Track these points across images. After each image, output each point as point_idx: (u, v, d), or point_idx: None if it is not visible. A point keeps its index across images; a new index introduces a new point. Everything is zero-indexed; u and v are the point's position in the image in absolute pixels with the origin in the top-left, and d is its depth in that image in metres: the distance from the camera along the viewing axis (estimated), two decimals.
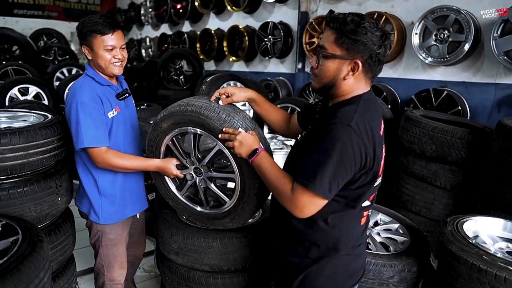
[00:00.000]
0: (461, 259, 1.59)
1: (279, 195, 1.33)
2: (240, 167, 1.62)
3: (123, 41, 1.87)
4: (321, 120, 1.34)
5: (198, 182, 1.83)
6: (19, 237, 1.46)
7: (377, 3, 4.19)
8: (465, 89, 3.53)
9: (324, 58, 1.28)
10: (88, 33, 1.77)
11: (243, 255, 1.93)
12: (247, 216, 1.79)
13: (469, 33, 3.25)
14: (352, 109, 1.25)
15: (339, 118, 1.22)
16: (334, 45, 1.25)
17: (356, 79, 1.28)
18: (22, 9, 9.13)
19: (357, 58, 1.23)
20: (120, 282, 2.12)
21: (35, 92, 5.28)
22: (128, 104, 2.03)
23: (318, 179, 1.19)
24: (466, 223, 1.90)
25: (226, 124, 1.55)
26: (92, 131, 1.74)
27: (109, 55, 1.81)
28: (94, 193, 1.92)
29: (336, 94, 1.33)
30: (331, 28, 1.26)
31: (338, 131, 1.19)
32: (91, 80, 1.85)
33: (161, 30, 8.30)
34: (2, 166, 1.74)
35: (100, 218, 1.94)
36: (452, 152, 2.62)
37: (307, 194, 1.22)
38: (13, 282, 1.21)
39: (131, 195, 2.04)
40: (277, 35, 5.28)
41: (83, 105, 1.74)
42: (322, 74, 1.31)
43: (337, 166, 1.18)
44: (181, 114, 1.65)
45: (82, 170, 1.94)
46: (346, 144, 1.17)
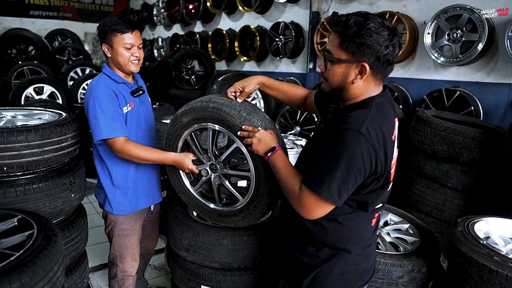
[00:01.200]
0: (472, 259, 1.58)
1: (288, 195, 1.34)
2: (256, 166, 1.63)
3: (141, 40, 1.98)
4: (333, 121, 1.33)
5: (213, 178, 1.85)
6: (34, 231, 1.50)
7: (389, 3, 4.16)
8: (478, 89, 3.48)
9: (331, 62, 1.27)
10: (109, 31, 1.89)
11: (253, 253, 1.94)
12: (258, 215, 1.80)
13: (482, 32, 3.22)
14: (364, 114, 1.22)
15: (350, 123, 1.19)
16: (339, 49, 1.23)
17: (365, 81, 1.26)
18: (38, 10, 9.30)
19: (364, 61, 1.21)
20: (131, 274, 2.19)
21: (50, 92, 5.38)
22: (143, 101, 2.10)
23: (325, 185, 1.19)
24: (477, 223, 1.88)
25: (246, 122, 1.57)
26: (109, 123, 1.83)
27: (128, 53, 1.92)
28: (108, 185, 2.01)
29: (346, 97, 1.31)
30: (335, 32, 1.24)
31: (348, 137, 1.17)
32: (107, 78, 1.95)
33: (173, 30, 8.38)
34: (18, 162, 1.79)
35: (114, 209, 2.02)
36: (464, 152, 2.59)
37: (314, 198, 1.23)
38: (29, 275, 1.24)
39: (144, 188, 2.11)
40: (288, 35, 5.28)
41: (99, 100, 1.84)
42: (330, 78, 1.30)
43: (346, 173, 1.17)
44: (202, 110, 1.69)
45: (98, 163, 2.03)
46: (355, 151, 1.16)
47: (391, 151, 1.25)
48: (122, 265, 2.15)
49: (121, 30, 1.88)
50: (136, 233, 2.14)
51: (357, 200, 1.28)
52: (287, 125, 4.61)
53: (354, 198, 1.27)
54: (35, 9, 9.27)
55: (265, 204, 1.72)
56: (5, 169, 1.78)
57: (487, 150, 2.54)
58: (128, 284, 2.20)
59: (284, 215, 1.51)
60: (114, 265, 2.17)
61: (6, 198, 1.78)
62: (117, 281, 2.18)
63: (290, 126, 4.60)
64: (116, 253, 2.13)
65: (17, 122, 2.07)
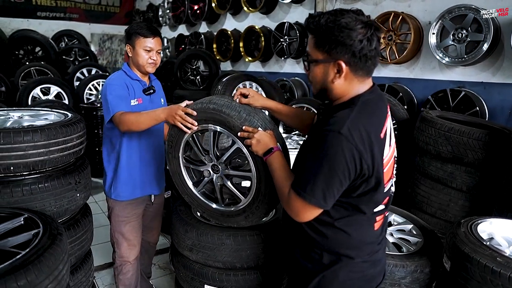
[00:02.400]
0: (474, 260, 1.58)
1: (280, 197, 1.36)
2: (257, 166, 1.65)
3: (160, 47, 2.19)
4: (320, 122, 1.31)
5: (215, 179, 1.86)
6: (40, 230, 1.52)
7: (394, 3, 4.15)
8: (484, 89, 3.46)
9: (310, 64, 1.26)
10: (134, 34, 2.11)
11: (256, 253, 1.95)
12: (261, 215, 1.81)
13: (488, 32, 3.20)
14: (346, 114, 1.19)
15: (331, 125, 1.17)
16: (315, 50, 1.22)
17: (347, 80, 1.23)
18: (45, 11, 9.37)
19: (339, 59, 1.18)
20: (128, 260, 2.29)
21: (56, 92, 5.43)
22: (153, 100, 2.25)
23: (309, 189, 1.19)
24: (481, 224, 1.88)
25: (246, 123, 1.59)
26: (116, 101, 2.01)
27: (147, 55, 2.12)
28: (110, 170, 2.21)
29: (332, 97, 1.29)
30: (310, 33, 1.23)
31: (329, 139, 1.15)
32: (123, 73, 2.18)
33: (178, 30, 8.40)
34: (25, 162, 1.81)
35: (112, 194, 2.20)
36: (469, 153, 2.58)
37: (300, 202, 1.23)
38: (34, 273, 1.26)
39: (143, 178, 2.22)
40: (293, 35, 5.28)
41: (111, 87, 2.06)
42: (312, 80, 1.29)
43: (329, 176, 1.15)
44: (202, 112, 1.70)
45: (105, 148, 2.20)
46: (337, 153, 1.13)
47: (379, 150, 1.21)
48: (119, 250, 2.28)
49: (144, 34, 2.09)
50: (133, 221, 2.26)
51: (350, 203, 1.26)
52: None
53: (346, 201, 1.25)
54: (42, 10, 9.34)
55: (267, 204, 1.73)
56: (12, 168, 1.81)
57: (492, 151, 2.53)
58: (126, 270, 2.29)
59: (287, 220, 1.50)
60: (114, 250, 2.33)
61: (12, 197, 1.80)
62: (116, 268, 2.32)
63: None
64: (113, 238, 2.29)
65: (24, 123, 2.09)
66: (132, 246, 2.28)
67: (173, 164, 1.96)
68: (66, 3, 9.67)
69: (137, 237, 2.30)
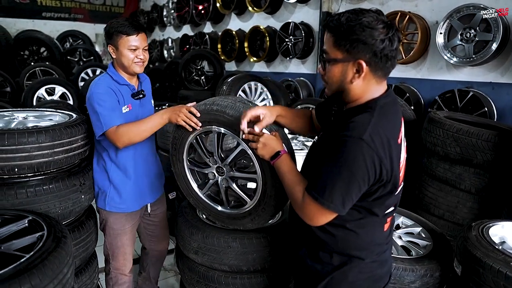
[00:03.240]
0: (487, 265, 1.55)
1: (292, 201, 1.33)
2: (263, 168, 1.62)
3: (146, 43, 2.00)
4: (335, 127, 1.28)
5: (220, 181, 1.84)
6: (44, 233, 1.50)
7: (400, 2, 4.11)
8: (492, 90, 3.42)
9: (328, 63, 1.23)
10: (115, 33, 1.91)
11: (262, 256, 1.93)
12: (267, 217, 1.79)
13: (497, 32, 3.15)
14: (366, 119, 1.16)
15: (351, 130, 1.14)
16: (334, 49, 1.19)
17: (365, 80, 1.20)
18: (49, 12, 9.42)
19: (360, 59, 1.16)
20: (124, 273, 2.22)
21: (61, 92, 5.44)
22: (144, 104, 2.11)
23: (327, 194, 1.16)
24: (492, 228, 1.84)
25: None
26: (106, 113, 1.86)
27: (132, 55, 1.94)
28: (104, 181, 2.08)
29: (348, 99, 1.26)
30: (328, 32, 1.21)
31: (350, 145, 1.13)
32: (109, 77, 1.99)
33: (183, 31, 8.40)
34: (29, 163, 1.79)
35: (106, 205, 2.07)
36: (478, 154, 2.54)
37: (316, 206, 1.21)
38: (39, 277, 1.24)
39: (140, 188, 2.13)
40: (298, 35, 5.25)
41: (97, 96, 1.88)
42: (329, 80, 1.26)
43: (349, 182, 1.14)
44: (206, 113, 1.68)
45: (96, 158, 2.10)
46: (358, 159, 1.11)
47: (397, 156, 1.20)
48: (114, 262, 2.19)
49: (127, 32, 1.89)
50: (128, 233, 2.17)
51: (364, 206, 1.25)
52: None
53: (360, 205, 1.24)
54: (47, 11, 9.38)
55: (273, 206, 1.70)
56: (16, 170, 1.79)
57: (501, 152, 2.49)
58: (122, 282, 2.23)
59: (294, 221, 1.48)
60: (107, 262, 2.23)
61: (17, 199, 1.79)
62: (111, 278, 2.23)
63: None
64: (108, 250, 2.19)
65: (28, 124, 2.08)
66: (128, 259, 2.21)
67: (177, 167, 1.93)
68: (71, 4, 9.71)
69: (132, 249, 2.23)
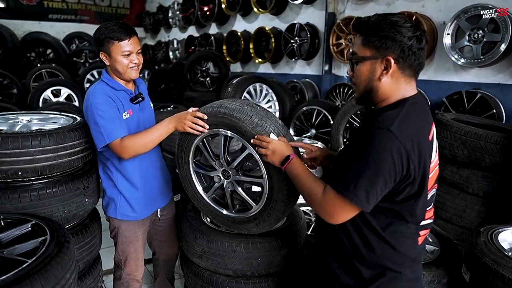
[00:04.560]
0: (496, 272, 1.51)
1: (310, 200, 1.28)
2: (269, 172, 1.60)
3: (139, 46, 1.94)
4: (364, 124, 1.30)
5: (225, 184, 1.82)
6: (47, 237, 1.49)
7: (407, 3, 4.08)
8: (501, 91, 3.37)
9: (356, 64, 1.25)
10: (106, 40, 1.85)
11: (267, 261, 1.90)
12: (272, 222, 1.76)
13: (505, 32, 3.11)
14: (395, 113, 1.16)
15: (379, 122, 1.14)
16: (362, 48, 1.22)
17: (394, 78, 1.21)
18: (56, 13, 9.48)
19: (388, 55, 1.17)
20: (136, 278, 2.20)
21: (67, 94, 5.46)
22: (144, 107, 2.07)
23: (352, 187, 1.13)
24: (502, 233, 1.81)
25: (258, 128, 1.54)
26: (108, 125, 1.81)
27: (127, 60, 1.88)
28: (113, 190, 2.03)
29: (377, 98, 1.26)
30: (358, 33, 1.24)
31: (377, 136, 1.12)
32: (104, 85, 1.93)
33: (188, 32, 8.41)
34: (33, 167, 1.79)
35: (118, 214, 2.03)
36: (486, 157, 2.50)
37: (339, 201, 1.17)
38: (41, 283, 1.24)
39: (150, 194, 2.10)
40: (303, 36, 5.23)
41: (96, 106, 1.82)
42: (358, 80, 1.26)
43: (374, 174, 1.11)
44: (213, 116, 1.66)
45: (101, 169, 2.06)
46: (385, 150, 1.10)
47: (428, 152, 1.18)
48: (126, 268, 2.16)
49: (118, 37, 1.83)
50: (140, 239, 2.14)
51: (392, 209, 1.21)
52: (302, 128, 4.56)
53: (388, 207, 1.20)
54: (54, 13, 9.45)
55: (278, 211, 1.68)
56: (20, 173, 1.78)
57: (510, 154, 2.45)
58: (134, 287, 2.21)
59: (323, 232, 1.41)
60: (119, 267, 2.20)
61: (20, 203, 1.78)
62: (122, 283, 2.20)
63: (305, 128, 4.54)
64: (120, 257, 2.15)
65: (32, 127, 2.07)
66: (141, 264, 2.20)
67: (183, 169, 1.92)
68: (77, 5, 9.77)
69: (143, 254, 2.22)
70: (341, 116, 3.86)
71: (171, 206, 2.35)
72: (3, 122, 2.11)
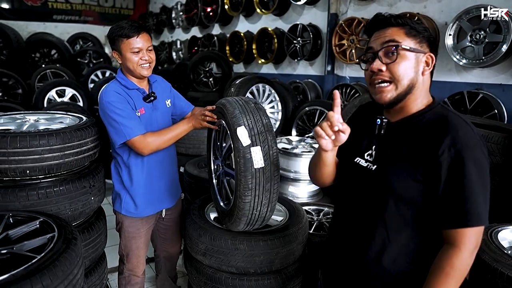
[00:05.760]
0: (495, 270, 1.53)
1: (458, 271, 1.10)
2: (238, 162, 1.69)
3: (150, 43, 1.96)
4: (408, 140, 1.18)
5: (220, 175, 1.96)
6: (55, 234, 1.53)
7: (409, 4, 4.10)
8: (503, 91, 3.39)
9: (398, 55, 1.14)
10: (116, 38, 1.90)
11: (269, 258, 1.93)
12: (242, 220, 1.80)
13: (507, 33, 3.12)
14: (460, 120, 1.11)
15: (462, 137, 1.07)
16: (408, 39, 1.16)
17: (428, 76, 1.21)
18: (60, 14, 9.55)
19: (429, 51, 1.18)
20: (137, 274, 2.25)
21: (71, 94, 5.50)
22: (157, 106, 2.09)
23: (483, 215, 1.08)
24: (501, 232, 1.83)
25: (233, 119, 1.66)
26: (128, 123, 1.87)
27: (136, 57, 1.91)
28: (120, 186, 2.11)
29: (412, 98, 1.19)
30: (394, 25, 1.17)
31: (474, 151, 1.06)
32: (118, 83, 1.98)
33: (191, 33, 8.44)
34: (40, 166, 1.83)
35: (122, 209, 2.10)
36: None
37: (478, 233, 1.10)
38: (50, 277, 1.27)
39: (158, 193, 2.15)
40: (306, 37, 5.25)
41: (110, 105, 1.88)
42: (402, 73, 1.15)
43: (486, 189, 1.08)
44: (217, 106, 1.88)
45: (113, 164, 2.13)
46: (484, 161, 1.07)
47: None
48: (128, 264, 2.22)
49: (127, 34, 1.87)
50: (143, 236, 2.19)
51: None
52: (305, 128, 4.58)
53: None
54: (58, 14, 9.51)
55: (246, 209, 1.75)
56: (28, 172, 1.82)
57: (511, 154, 2.46)
58: (134, 283, 2.26)
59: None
60: (122, 262, 2.27)
61: (28, 201, 1.82)
62: (124, 278, 2.26)
63: (307, 128, 4.57)
64: (123, 251, 2.22)
65: (40, 126, 2.11)
66: (142, 261, 2.24)
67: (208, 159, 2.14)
68: (81, 6, 9.83)
69: (146, 252, 2.26)
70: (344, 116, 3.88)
71: (177, 207, 2.38)
72: (11, 122, 2.14)
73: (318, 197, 3.23)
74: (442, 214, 1.11)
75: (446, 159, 1.08)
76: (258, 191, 1.64)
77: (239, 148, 1.63)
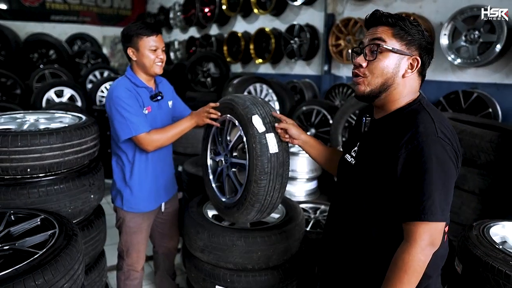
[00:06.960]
0: (487, 264, 1.57)
1: (406, 266, 1.10)
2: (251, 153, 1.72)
3: (163, 44, 2.08)
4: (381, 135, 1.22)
5: (224, 169, 1.97)
6: (56, 230, 1.55)
7: (405, 4, 4.14)
8: (497, 90, 3.43)
9: (381, 53, 1.17)
10: (135, 35, 1.99)
11: (267, 254, 1.97)
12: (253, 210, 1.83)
13: (501, 33, 3.17)
14: (426, 117, 1.13)
15: (421, 133, 1.09)
16: (393, 39, 1.17)
17: (412, 78, 1.20)
18: (58, 15, 9.55)
19: (416, 53, 1.18)
20: (136, 269, 2.29)
21: (70, 94, 5.51)
22: (161, 106, 2.17)
23: (439, 210, 1.08)
24: (493, 228, 1.86)
25: (246, 110, 1.71)
26: (135, 120, 1.94)
27: (153, 55, 2.01)
28: (121, 181, 2.16)
29: (391, 97, 1.21)
30: (385, 24, 1.18)
31: (431, 147, 1.07)
32: (127, 80, 2.05)
33: (189, 33, 8.47)
34: (41, 164, 1.85)
35: (124, 205, 2.14)
36: (481, 155, 2.56)
37: (432, 229, 1.10)
38: (51, 272, 1.29)
39: (157, 189, 2.21)
40: (303, 37, 5.29)
41: (119, 100, 1.94)
42: (377, 71, 1.18)
43: (448, 188, 1.09)
44: (222, 103, 1.92)
45: (114, 159, 2.17)
46: (444, 158, 1.08)
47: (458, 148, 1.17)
48: (127, 259, 2.26)
49: (147, 33, 1.97)
50: (143, 231, 2.24)
51: None
52: (302, 127, 4.60)
53: None
54: (56, 14, 9.52)
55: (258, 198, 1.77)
56: (28, 170, 1.85)
57: (505, 153, 2.50)
58: (134, 278, 2.30)
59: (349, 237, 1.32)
60: (121, 258, 2.30)
61: (29, 199, 1.84)
62: (123, 273, 2.30)
63: (305, 128, 4.60)
64: (123, 247, 2.25)
65: (40, 125, 2.14)
66: (141, 256, 2.28)
67: (203, 158, 2.11)
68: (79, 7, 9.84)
69: (146, 247, 2.30)
70: (340, 115, 3.91)
71: (174, 200, 2.44)
72: (12, 121, 2.17)
73: (315, 195, 3.26)
74: (400, 209, 1.14)
75: (402, 155, 1.11)
76: (273, 175, 1.69)
77: (254, 134, 1.68)
